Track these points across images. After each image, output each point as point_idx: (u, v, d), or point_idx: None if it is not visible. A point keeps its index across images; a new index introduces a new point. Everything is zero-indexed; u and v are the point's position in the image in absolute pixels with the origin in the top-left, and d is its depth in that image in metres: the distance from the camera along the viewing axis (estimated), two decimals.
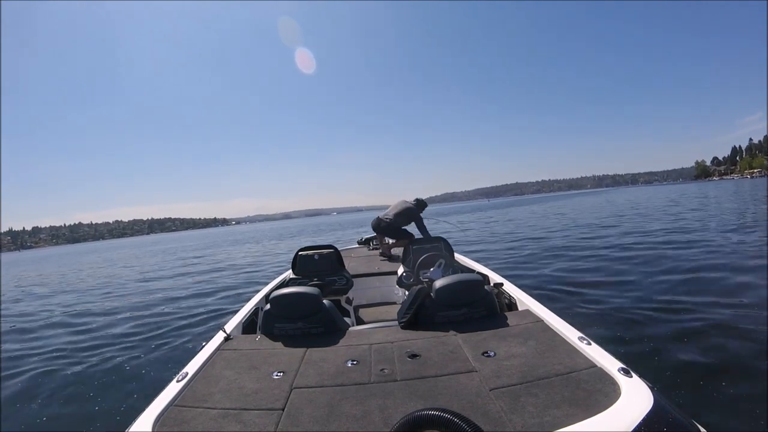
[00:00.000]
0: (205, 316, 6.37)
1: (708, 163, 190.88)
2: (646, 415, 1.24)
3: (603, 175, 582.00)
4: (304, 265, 3.74)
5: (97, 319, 7.13)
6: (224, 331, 2.33)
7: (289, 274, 3.99)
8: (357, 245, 6.67)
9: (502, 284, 3.00)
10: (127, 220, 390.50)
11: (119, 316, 7.09)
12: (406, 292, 3.08)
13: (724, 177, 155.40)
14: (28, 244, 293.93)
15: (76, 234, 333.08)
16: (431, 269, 3.31)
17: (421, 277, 3.27)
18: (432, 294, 2.29)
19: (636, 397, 1.34)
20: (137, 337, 5.47)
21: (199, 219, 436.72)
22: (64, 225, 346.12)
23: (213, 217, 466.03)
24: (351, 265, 4.57)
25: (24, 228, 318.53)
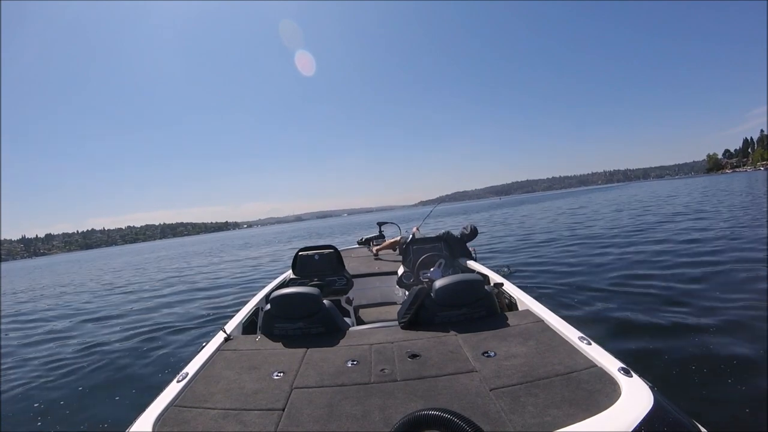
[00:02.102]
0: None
1: (720, 155, 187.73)
2: (647, 415, 1.23)
3: (614, 170, 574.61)
4: (305, 265, 3.76)
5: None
6: (224, 332, 2.34)
7: (289, 274, 4.00)
8: (357, 245, 6.68)
9: (502, 284, 2.98)
10: (139, 226, 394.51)
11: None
12: (406, 292, 3.08)
13: (737, 170, 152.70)
14: (41, 251, 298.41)
15: (88, 240, 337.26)
16: (431, 269, 3.31)
17: (421, 277, 3.28)
18: (432, 294, 2.28)
19: (636, 397, 1.34)
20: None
21: (211, 223, 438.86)
22: (77, 231, 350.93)
23: (225, 221, 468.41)
24: (351, 266, 4.59)
25: (37, 235, 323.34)
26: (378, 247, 5.61)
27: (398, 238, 5.34)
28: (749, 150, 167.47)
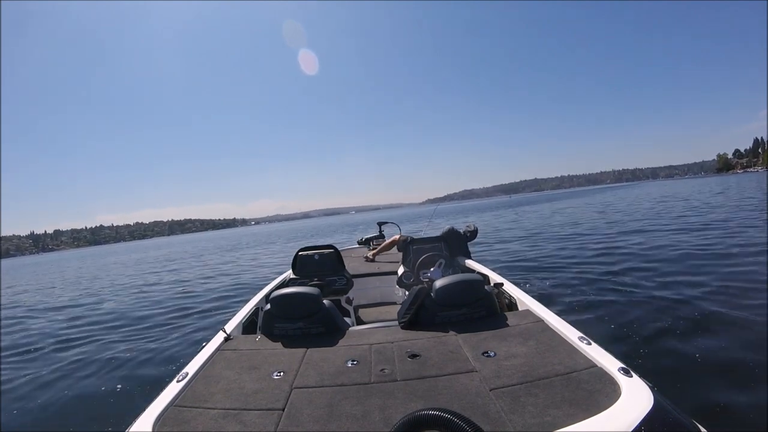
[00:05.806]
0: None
1: (730, 155, 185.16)
2: (646, 415, 1.23)
3: (622, 169, 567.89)
4: (304, 265, 3.76)
5: None
6: (224, 332, 2.35)
7: (289, 274, 4.01)
8: (357, 245, 6.68)
9: (502, 284, 2.97)
10: (148, 222, 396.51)
11: None
12: (406, 292, 3.07)
13: (748, 170, 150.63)
14: (50, 246, 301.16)
15: (97, 236, 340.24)
16: (431, 269, 3.31)
17: (421, 277, 3.27)
18: (432, 294, 2.28)
19: (636, 397, 1.33)
20: None
21: (219, 220, 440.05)
22: (86, 228, 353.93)
23: (233, 217, 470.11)
24: (351, 265, 4.59)
25: (45, 231, 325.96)
26: (374, 251, 5.47)
27: (396, 237, 5.26)
28: (759, 150, 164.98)
